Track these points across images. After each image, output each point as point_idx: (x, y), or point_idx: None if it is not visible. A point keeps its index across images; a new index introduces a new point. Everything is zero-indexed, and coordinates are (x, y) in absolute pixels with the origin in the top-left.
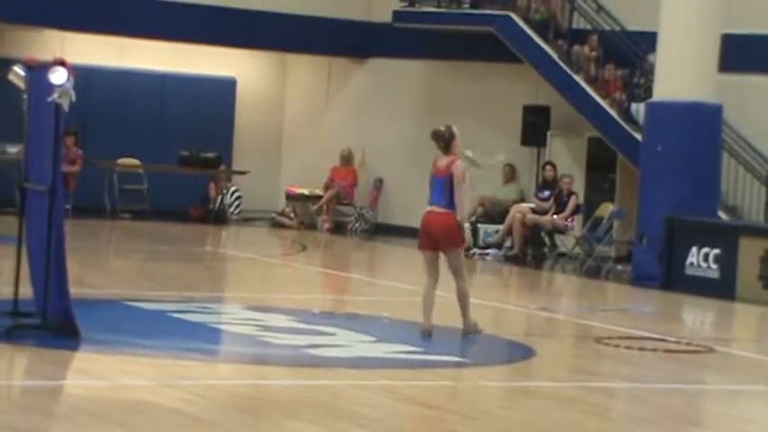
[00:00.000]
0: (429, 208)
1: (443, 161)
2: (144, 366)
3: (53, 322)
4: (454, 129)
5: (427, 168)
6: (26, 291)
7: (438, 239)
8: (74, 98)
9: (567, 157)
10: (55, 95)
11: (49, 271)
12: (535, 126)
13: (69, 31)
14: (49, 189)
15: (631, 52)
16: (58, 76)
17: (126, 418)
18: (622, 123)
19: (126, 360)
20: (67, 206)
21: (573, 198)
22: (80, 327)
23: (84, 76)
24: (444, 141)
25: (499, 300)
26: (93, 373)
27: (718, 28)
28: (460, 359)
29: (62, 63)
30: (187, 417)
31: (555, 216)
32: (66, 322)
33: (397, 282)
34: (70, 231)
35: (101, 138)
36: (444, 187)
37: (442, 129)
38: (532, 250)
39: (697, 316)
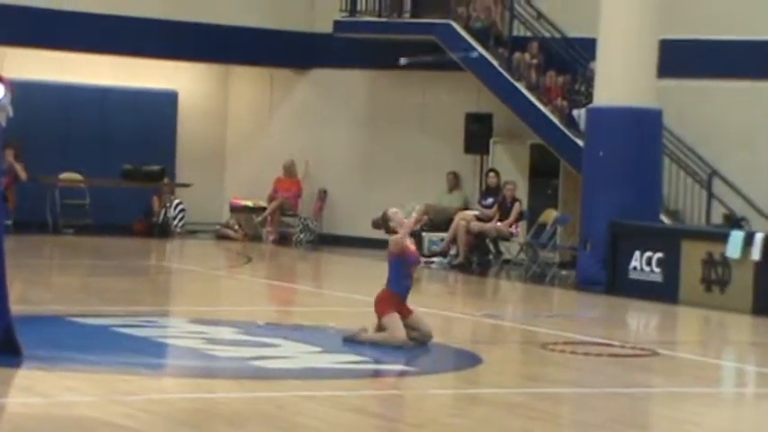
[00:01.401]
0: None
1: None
2: (87, 382)
3: None
4: (387, 211)
5: (372, 178)
6: None
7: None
8: (11, 114)
9: (510, 164)
10: None
11: None
12: (478, 133)
13: (8, 46)
14: None
15: (572, 59)
16: None
17: None
18: (564, 129)
19: (69, 376)
20: (8, 222)
21: (516, 205)
22: (22, 344)
23: (24, 91)
24: (383, 227)
25: (445, 308)
26: (36, 390)
27: (656, 33)
28: (407, 368)
29: None
30: None
31: (499, 223)
32: (7, 340)
33: (343, 292)
34: (12, 247)
35: (42, 153)
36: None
37: (377, 217)
38: (477, 257)
39: (641, 320)
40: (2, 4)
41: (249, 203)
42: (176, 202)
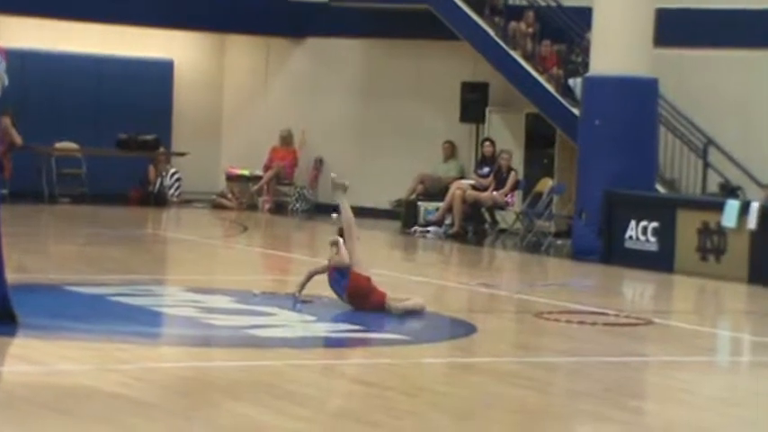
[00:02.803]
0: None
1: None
2: (83, 351)
3: None
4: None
5: (367, 147)
6: None
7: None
8: (6, 82)
9: (505, 134)
10: None
11: None
12: (473, 103)
13: (3, 15)
14: None
15: (567, 28)
16: None
17: (65, 404)
18: (560, 99)
19: (65, 345)
20: (4, 191)
21: (512, 174)
22: (18, 313)
23: (19, 60)
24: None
25: (440, 277)
26: (32, 358)
27: (652, 2)
28: (401, 337)
29: None
30: (127, 400)
31: (495, 192)
32: (3, 309)
33: None
34: (8, 217)
35: (37, 122)
36: None
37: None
38: (473, 227)
39: (636, 289)
40: None
41: (245, 172)
42: (172, 171)
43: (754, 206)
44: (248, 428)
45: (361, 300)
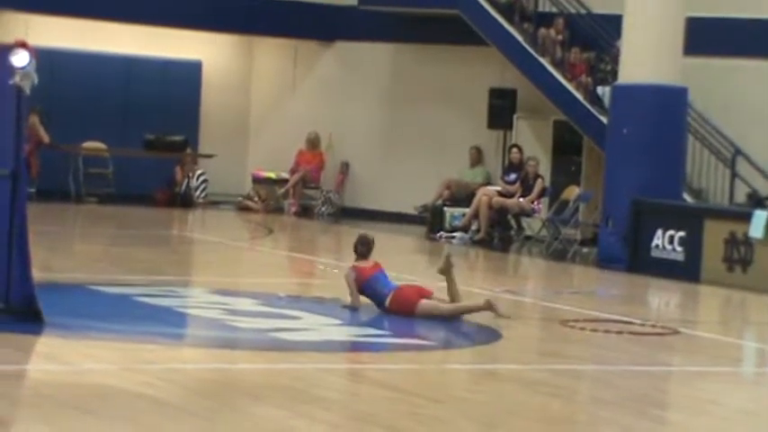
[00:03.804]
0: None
1: (370, 262)
2: (108, 351)
3: (16, 307)
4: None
5: (394, 152)
6: None
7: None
8: (36, 81)
9: (533, 140)
10: (16, 78)
11: (12, 256)
12: (501, 109)
13: (34, 14)
14: (11, 173)
15: (597, 35)
16: (20, 59)
17: (90, 403)
18: (588, 106)
19: (90, 344)
20: (31, 190)
21: (539, 181)
22: (44, 311)
23: (48, 60)
24: (368, 248)
25: (466, 283)
26: (57, 357)
27: (682, 11)
28: (426, 342)
29: (24, 45)
30: (151, 401)
31: (521, 199)
32: (29, 307)
33: None
34: (34, 215)
35: (66, 121)
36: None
37: (369, 236)
38: (499, 233)
39: (662, 298)
40: None
41: (271, 175)
42: (199, 172)
43: None
44: None
45: (403, 310)
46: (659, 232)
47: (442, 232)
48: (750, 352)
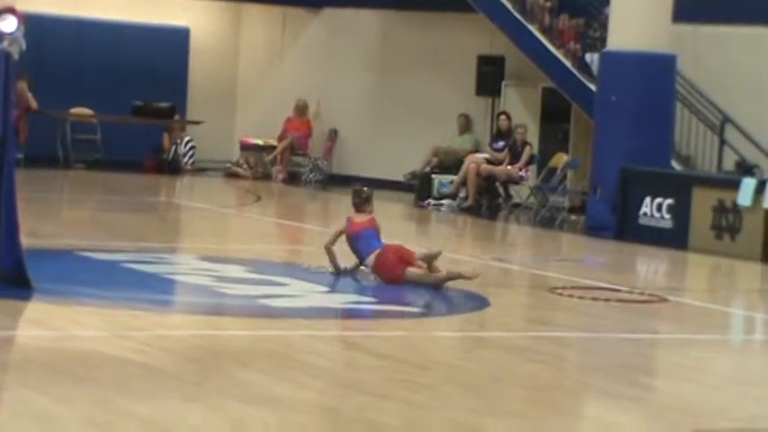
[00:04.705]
0: (378, 249)
1: (364, 217)
2: (96, 317)
3: (4, 273)
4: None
5: (382, 119)
6: None
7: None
8: (24, 47)
9: (521, 108)
10: (4, 44)
11: (0, 221)
12: (489, 76)
13: None
14: None
15: (586, 2)
16: (8, 24)
17: (78, 369)
18: (576, 73)
19: (78, 311)
20: (19, 156)
21: (527, 148)
22: (32, 277)
23: (36, 25)
24: (363, 200)
25: (454, 250)
26: (45, 323)
27: None
28: (414, 309)
29: (12, 11)
30: (139, 367)
31: (509, 166)
32: (17, 273)
33: None
34: (23, 181)
35: (53, 87)
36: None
37: (365, 189)
38: (487, 201)
39: (650, 266)
40: None
41: (259, 142)
42: (187, 139)
43: None
44: (259, 397)
45: (385, 276)
46: (647, 200)
47: (430, 199)
48: (738, 320)
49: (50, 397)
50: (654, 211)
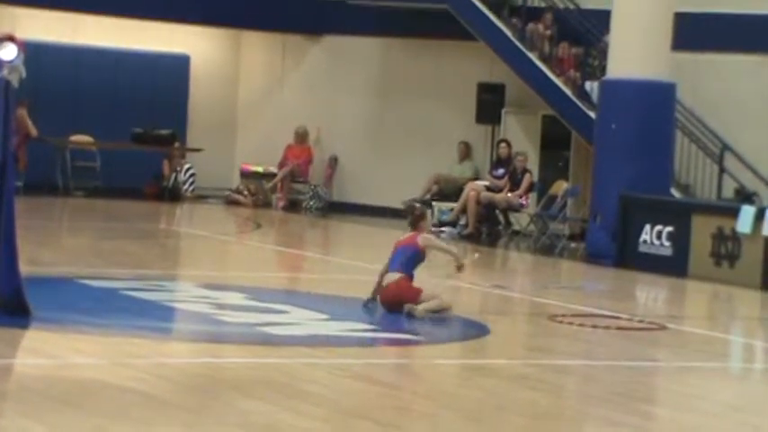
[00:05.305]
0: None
1: (407, 235)
2: (95, 345)
3: (3, 300)
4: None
5: (382, 146)
6: None
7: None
8: (24, 74)
9: (521, 135)
10: (4, 72)
11: (0, 249)
12: (490, 104)
13: (21, 7)
14: None
15: (586, 30)
16: (8, 52)
17: (77, 397)
18: (576, 101)
19: (77, 338)
20: (19, 183)
21: (527, 176)
22: (31, 305)
23: (36, 53)
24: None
25: (453, 278)
26: (44, 351)
27: (671, 6)
28: (414, 337)
29: (11, 38)
30: (138, 395)
31: (509, 194)
32: (16, 300)
33: (352, 260)
34: (22, 209)
35: (54, 114)
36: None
37: (414, 206)
38: (487, 228)
39: (650, 293)
40: None
41: (259, 169)
42: (187, 166)
43: None
44: (259, 426)
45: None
46: (647, 227)
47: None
48: (737, 347)
49: (48, 425)
50: (653, 238)
